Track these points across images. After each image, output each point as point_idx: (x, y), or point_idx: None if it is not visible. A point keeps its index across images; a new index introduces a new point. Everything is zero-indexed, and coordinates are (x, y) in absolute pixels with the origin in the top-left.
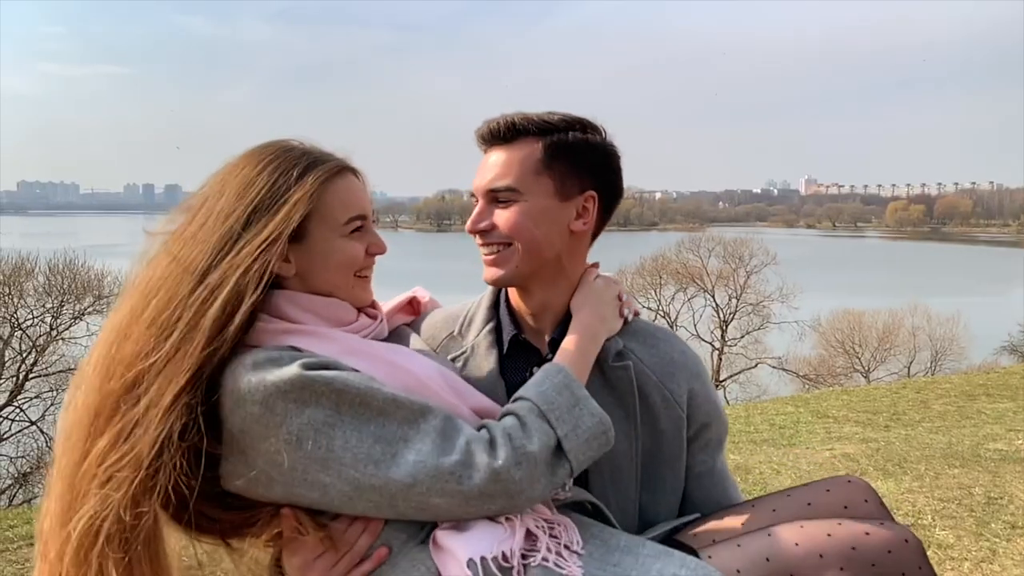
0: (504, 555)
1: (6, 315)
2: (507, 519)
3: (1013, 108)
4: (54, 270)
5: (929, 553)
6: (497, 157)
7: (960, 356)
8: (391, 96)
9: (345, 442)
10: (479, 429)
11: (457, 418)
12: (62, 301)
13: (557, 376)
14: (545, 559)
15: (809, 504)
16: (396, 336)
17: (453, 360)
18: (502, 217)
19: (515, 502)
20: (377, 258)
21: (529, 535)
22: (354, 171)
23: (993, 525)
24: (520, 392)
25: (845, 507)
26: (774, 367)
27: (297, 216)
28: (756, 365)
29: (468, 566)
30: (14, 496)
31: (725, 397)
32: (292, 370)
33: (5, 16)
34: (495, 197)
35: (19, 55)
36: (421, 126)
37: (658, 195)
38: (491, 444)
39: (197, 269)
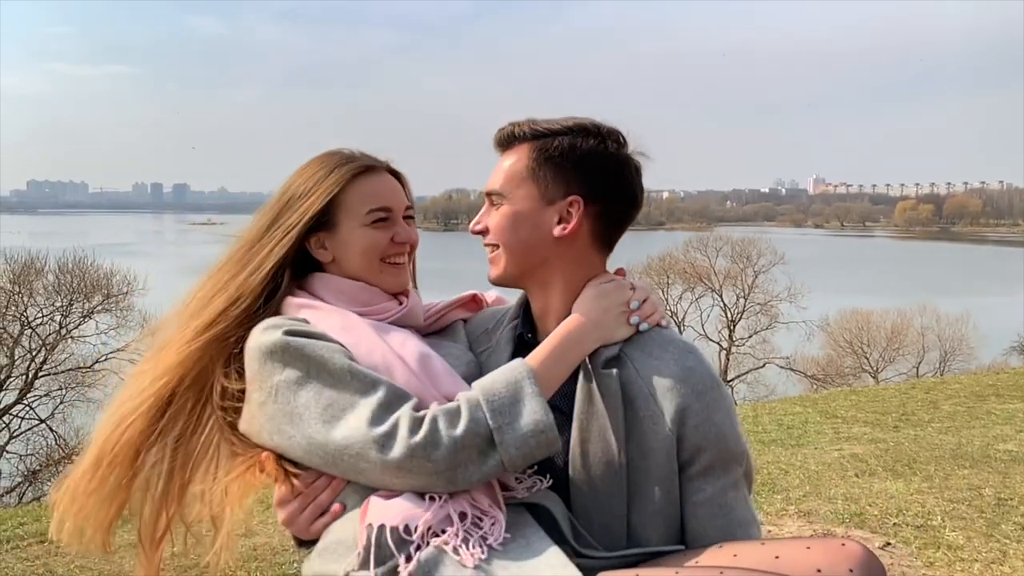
0: (407, 528)
1: (16, 313)
2: (433, 498)
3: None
4: (63, 269)
5: (938, 554)
6: (499, 162)
7: (969, 356)
8: (398, 96)
9: (307, 401)
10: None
11: (406, 397)
12: (71, 300)
13: (512, 372)
14: (446, 543)
15: (777, 557)
16: (449, 329)
17: (480, 353)
18: (493, 220)
19: (434, 481)
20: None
21: (464, 518)
22: (391, 172)
23: (1003, 526)
24: (476, 382)
25: (819, 571)
26: (782, 367)
27: (319, 203)
28: (764, 365)
29: (365, 528)
30: (24, 494)
31: (733, 397)
32: (277, 335)
33: (13, 16)
34: (491, 200)
35: (28, 55)
36: (428, 126)
37: (665, 194)
38: (418, 423)
39: (249, 241)
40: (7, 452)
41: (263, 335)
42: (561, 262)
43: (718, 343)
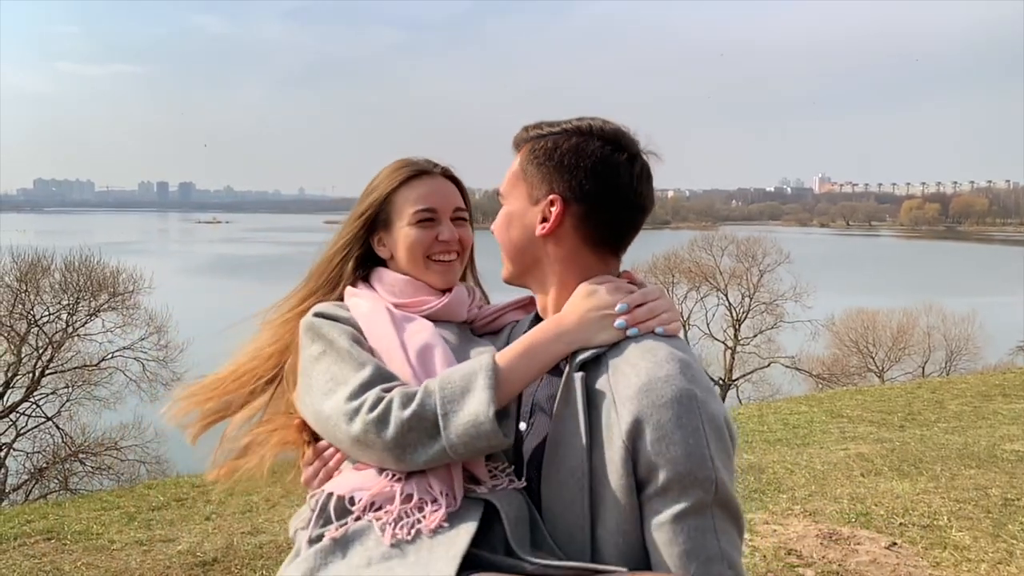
0: (351, 499)
1: (23, 312)
2: (390, 475)
3: None
4: (70, 267)
5: (945, 554)
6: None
7: (975, 356)
8: (402, 94)
9: (318, 374)
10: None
11: (390, 379)
12: (78, 298)
13: (474, 364)
14: (378, 518)
15: None
16: (501, 331)
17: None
18: (495, 221)
19: (384, 458)
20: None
21: (408, 499)
22: (448, 176)
23: (1010, 526)
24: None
25: None
26: (787, 366)
27: (374, 205)
28: (769, 364)
29: (318, 494)
30: (31, 491)
31: (738, 396)
32: (310, 315)
33: (19, 15)
34: (500, 202)
35: (34, 54)
36: (432, 124)
37: (670, 193)
38: (379, 402)
39: (334, 239)
40: (14, 450)
41: (306, 315)
42: (552, 262)
43: (723, 342)
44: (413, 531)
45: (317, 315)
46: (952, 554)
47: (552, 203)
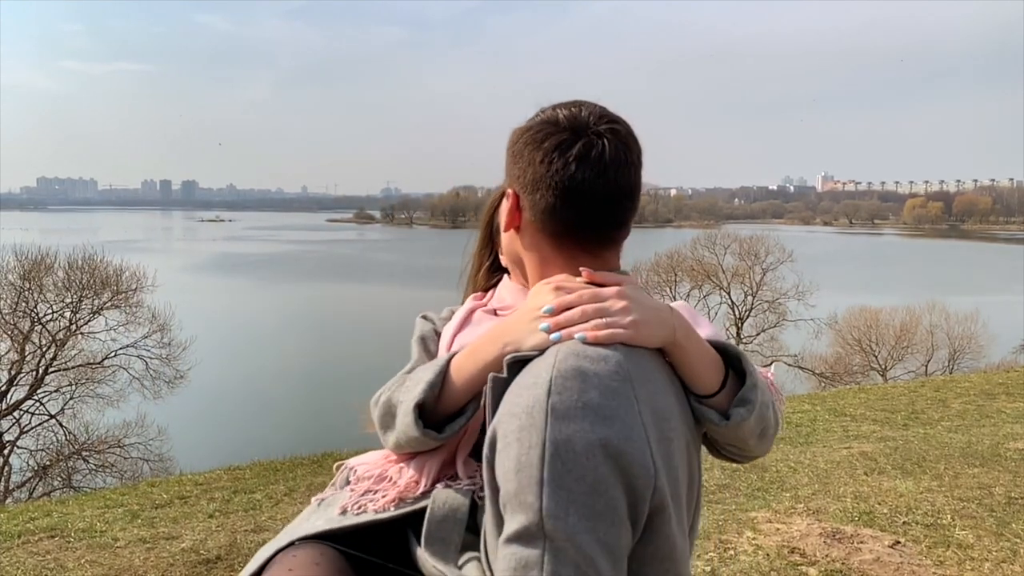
0: (358, 475)
1: (26, 310)
2: (388, 455)
3: None
4: (73, 265)
5: (948, 553)
6: None
7: (978, 355)
8: (406, 93)
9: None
10: None
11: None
12: (81, 296)
13: (440, 359)
14: (351, 491)
15: None
16: None
17: None
18: None
19: (380, 438)
20: (396, 254)
21: (381, 480)
22: None
23: (1014, 525)
24: None
25: None
26: (790, 365)
27: (485, 217)
28: (772, 363)
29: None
30: (34, 489)
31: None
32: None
33: (23, 13)
34: None
35: (37, 52)
36: (436, 123)
37: (673, 192)
38: (389, 386)
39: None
40: (17, 447)
41: None
42: (527, 258)
43: None
44: (361, 508)
45: (421, 316)
46: (956, 553)
47: (510, 195)
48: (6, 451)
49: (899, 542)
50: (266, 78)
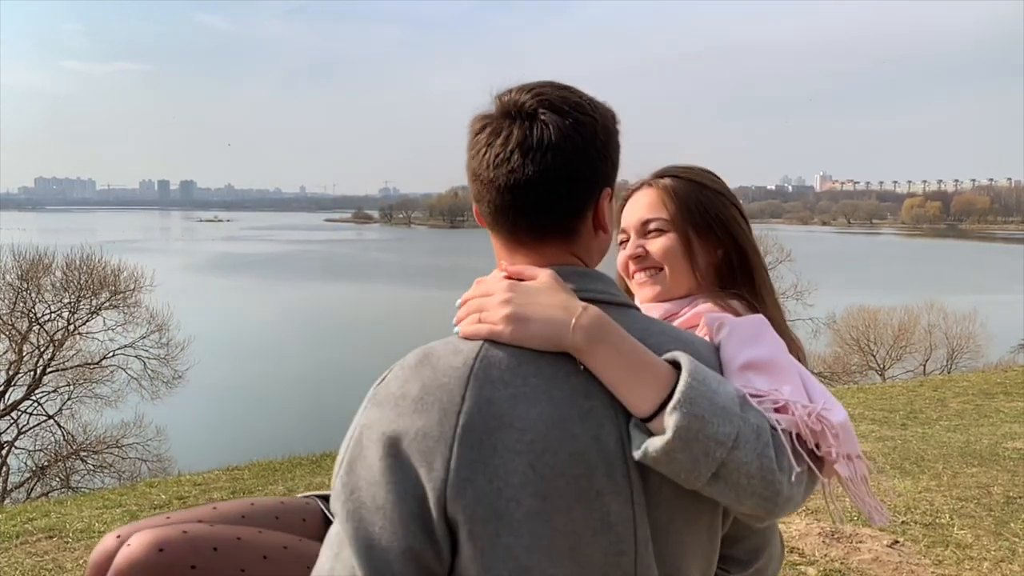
0: None
1: (24, 310)
2: None
3: None
4: (71, 266)
5: (947, 552)
6: None
7: (977, 354)
8: (405, 92)
9: None
10: None
11: None
12: (79, 296)
13: None
14: None
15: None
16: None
17: None
18: None
19: None
20: (394, 254)
21: None
22: (649, 185)
23: (1012, 525)
24: None
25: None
26: None
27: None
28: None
29: None
30: (32, 489)
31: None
32: None
33: (23, 13)
34: None
35: (37, 52)
36: (435, 123)
37: None
38: None
39: None
40: (15, 448)
41: None
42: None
43: None
44: None
45: None
46: (954, 552)
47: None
48: (4, 451)
49: (898, 541)
50: (266, 78)
